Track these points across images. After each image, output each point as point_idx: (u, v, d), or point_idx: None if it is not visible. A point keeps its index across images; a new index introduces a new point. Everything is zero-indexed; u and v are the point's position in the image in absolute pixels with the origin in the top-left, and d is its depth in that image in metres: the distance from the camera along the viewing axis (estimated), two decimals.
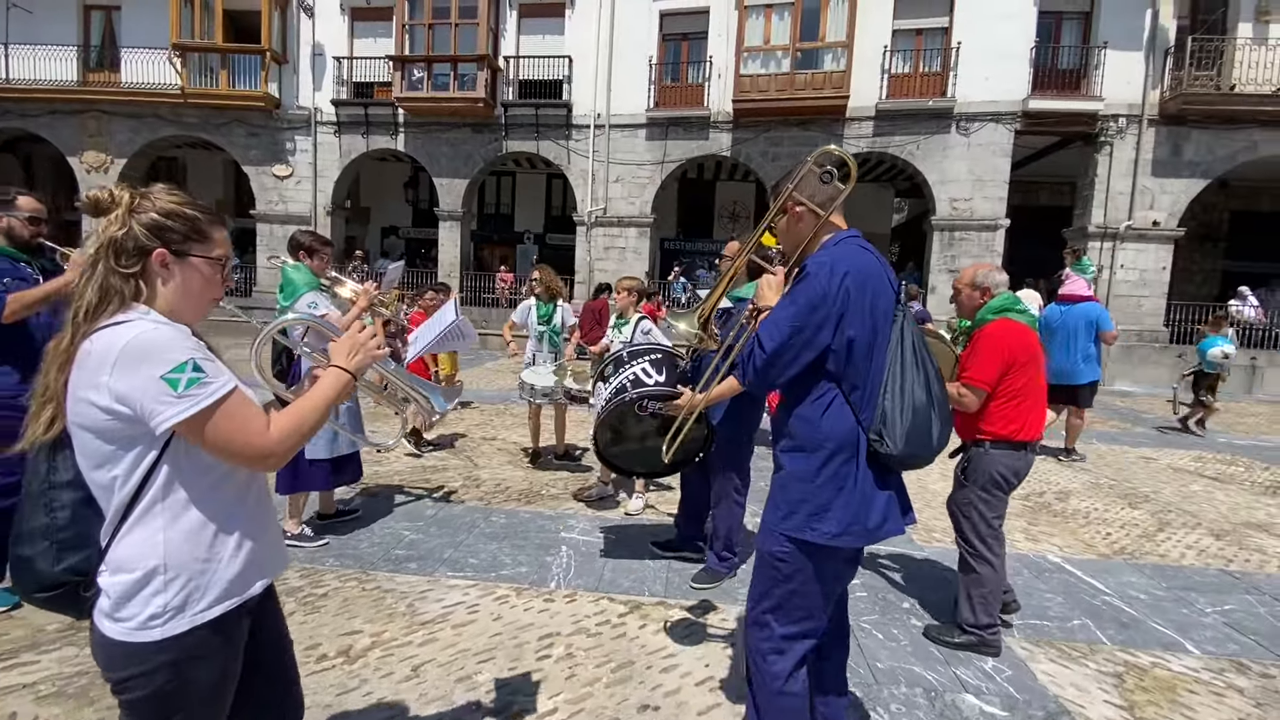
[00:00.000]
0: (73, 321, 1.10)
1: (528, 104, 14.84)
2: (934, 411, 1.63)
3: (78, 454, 1.10)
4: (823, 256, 1.67)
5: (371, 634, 2.70)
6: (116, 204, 1.14)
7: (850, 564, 1.79)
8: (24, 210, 2.73)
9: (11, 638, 2.49)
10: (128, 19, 15.35)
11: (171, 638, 1.10)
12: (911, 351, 1.65)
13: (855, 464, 1.64)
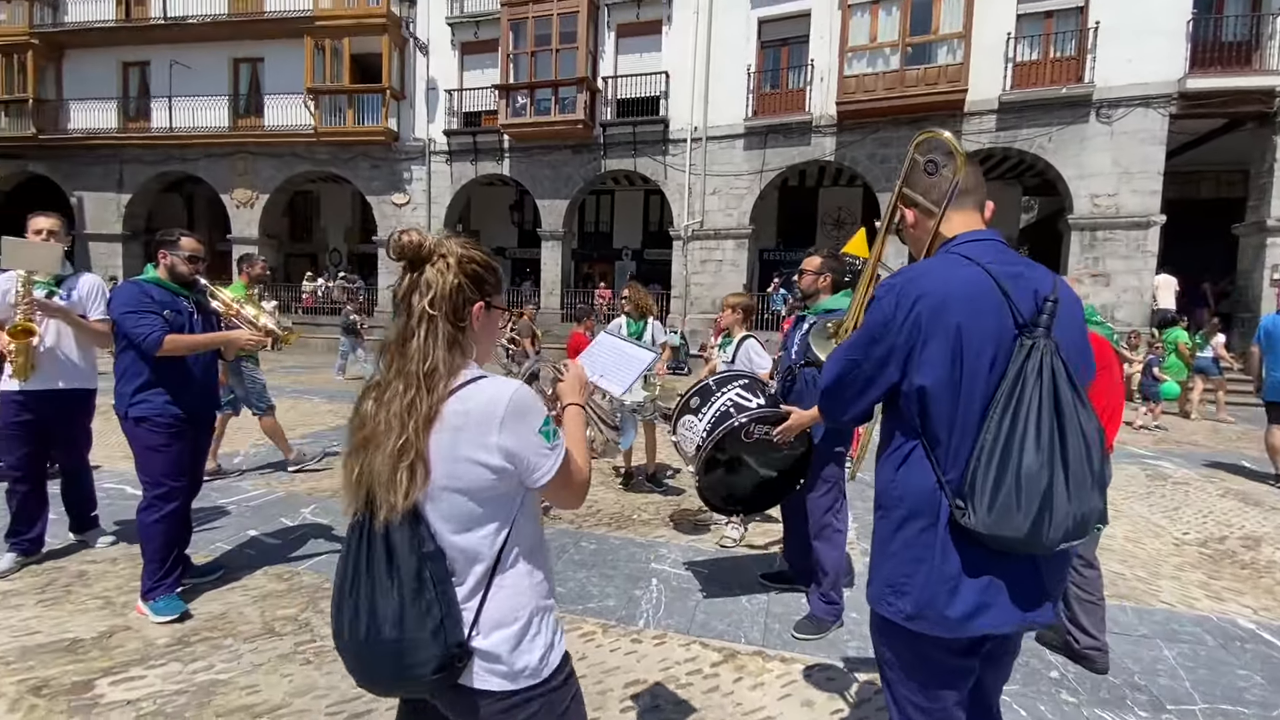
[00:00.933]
0: (428, 382, 1.08)
1: (625, 123, 15.00)
2: (1054, 484, 1.18)
3: (442, 519, 1.10)
4: (899, 275, 1.36)
5: None
6: (443, 255, 1.11)
7: (962, 656, 1.35)
8: (185, 250, 3.02)
9: (126, 650, 2.61)
10: (270, 69, 17.18)
11: (558, 665, 1.18)
12: (1035, 400, 1.19)
13: (934, 533, 1.28)
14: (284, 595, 3.16)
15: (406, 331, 1.09)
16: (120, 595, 3.09)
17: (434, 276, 1.09)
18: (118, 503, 4.42)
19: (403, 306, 1.10)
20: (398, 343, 1.09)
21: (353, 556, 1.10)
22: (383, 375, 1.11)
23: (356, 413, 1.13)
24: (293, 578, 3.36)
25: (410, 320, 1.09)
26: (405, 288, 1.11)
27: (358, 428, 1.11)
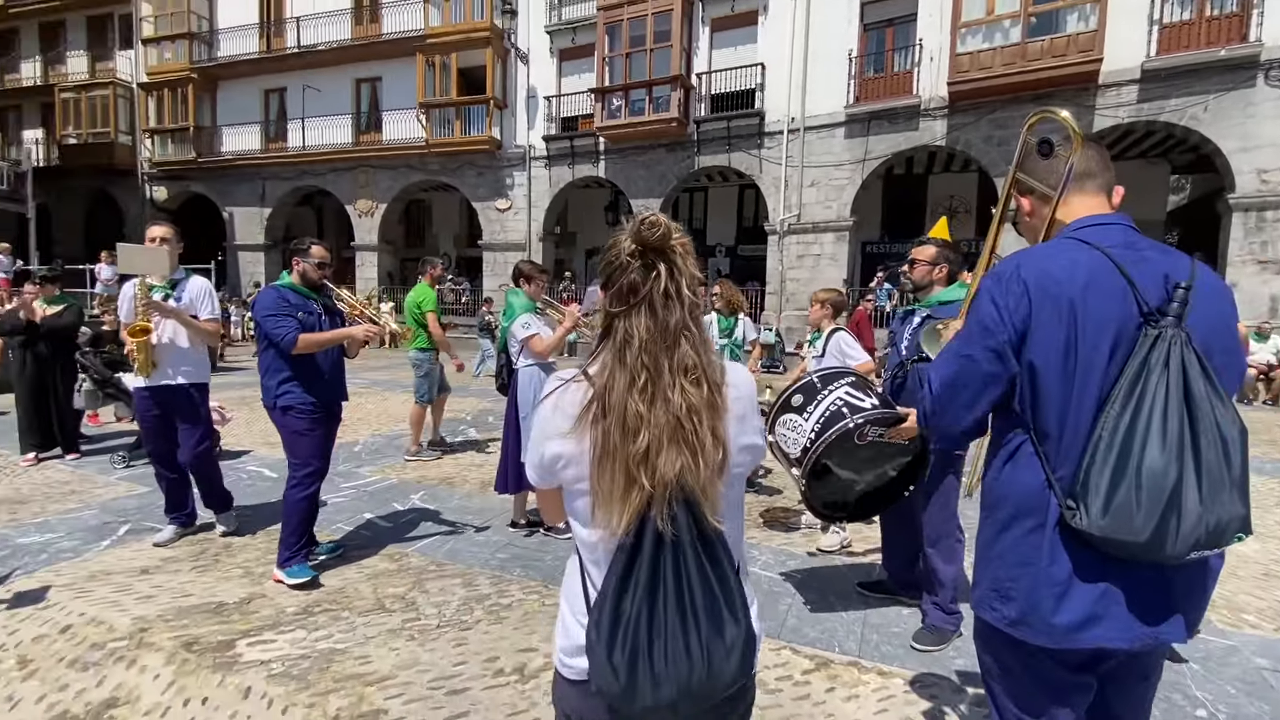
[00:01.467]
0: (711, 373, 1.00)
1: (719, 118, 14.84)
2: (1184, 484, 1.05)
3: (726, 514, 1.01)
4: (1007, 261, 1.26)
5: (546, 653, 2.67)
6: (680, 240, 1.02)
7: (1074, 671, 1.24)
8: (314, 257, 3.38)
9: (261, 615, 2.90)
10: (387, 87, 18.49)
11: None
12: (1160, 393, 1.07)
13: (1042, 534, 1.18)
14: (394, 574, 3.38)
15: (675, 322, 0.98)
16: (258, 566, 3.43)
17: (682, 263, 1.01)
18: (258, 484, 4.94)
19: (661, 297, 0.98)
20: (659, 335, 0.97)
21: (660, 581, 0.93)
22: (632, 370, 0.96)
23: (621, 417, 0.95)
24: (402, 559, 3.59)
25: (682, 310, 0.99)
26: (664, 277, 0.98)
27: (631, 433, 0.94)
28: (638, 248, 1.00)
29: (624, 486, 0.94)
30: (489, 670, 2.55)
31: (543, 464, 1.05)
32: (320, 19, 18.44)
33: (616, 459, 0.94)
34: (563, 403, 1.02)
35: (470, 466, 5.61)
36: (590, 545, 1.03)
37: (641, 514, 0.94)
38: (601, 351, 1.04)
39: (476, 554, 3.68)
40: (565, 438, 1.00)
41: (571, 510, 1.06)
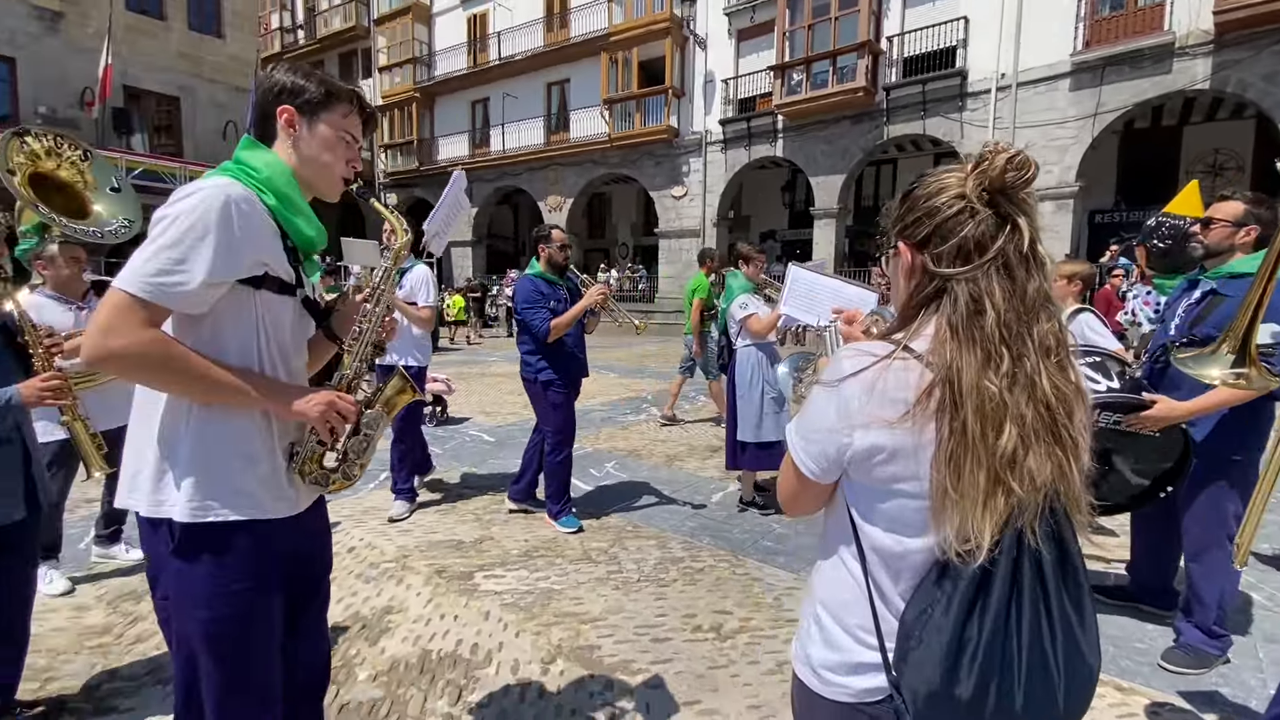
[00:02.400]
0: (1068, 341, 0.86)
1: (913, 82, 13.67)
2: None
3: None
4: None
5: (740, 618, 2.74)
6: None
7: None
8: (556, 241, 3.67)
9: (491, 554, 3.33)
10: (575, 87, 19.68)
11: None
12: None
13: None
14: (596, 531, 3.68)
15: (1035, 291, 0.82)
16: (485, 514, 3.94)
17: (1036, 216, 0.85)
18: (480, 446, 5.63)
19: (1019, 257, 0.82)
20: (1019, 304, 0.81)
21: (1015, 606, 0.79)
22: (987, 347, 0.79)
23: (980, 406, 0.77)
24: (602, 518, 3.89)
25: (1041, 275, 0.83)
26: (1024, 233, 0.82)
27: (994, 425, 0.78)
28: (988, 193, 0.82)
29: (986, 490, 0.77)
30: (688, 625, 2.68)
31: (839, 455, 0.87)
32: (517, 31, 20.15)
33: (979, 457, 0.77)
34: (885, 385, 0.82)
35: (655, 441, 5.87)
36: (894, 554, 0.87)
37: (1005, 525, 0.79)
38: (923, 321, 0.86)
39: (668, 520, 3.86)
40: (892, 428, 0.82)
41: (877, 514, 0.88)
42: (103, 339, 1.08)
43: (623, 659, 2.43)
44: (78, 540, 3.37)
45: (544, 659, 2.42)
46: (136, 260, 1.09)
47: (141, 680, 2.28)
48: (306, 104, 1.30)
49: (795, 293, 2.16)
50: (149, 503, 1.18)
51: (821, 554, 1.00)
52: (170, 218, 1.11)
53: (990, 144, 0.84)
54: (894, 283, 0.96)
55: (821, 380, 0.90)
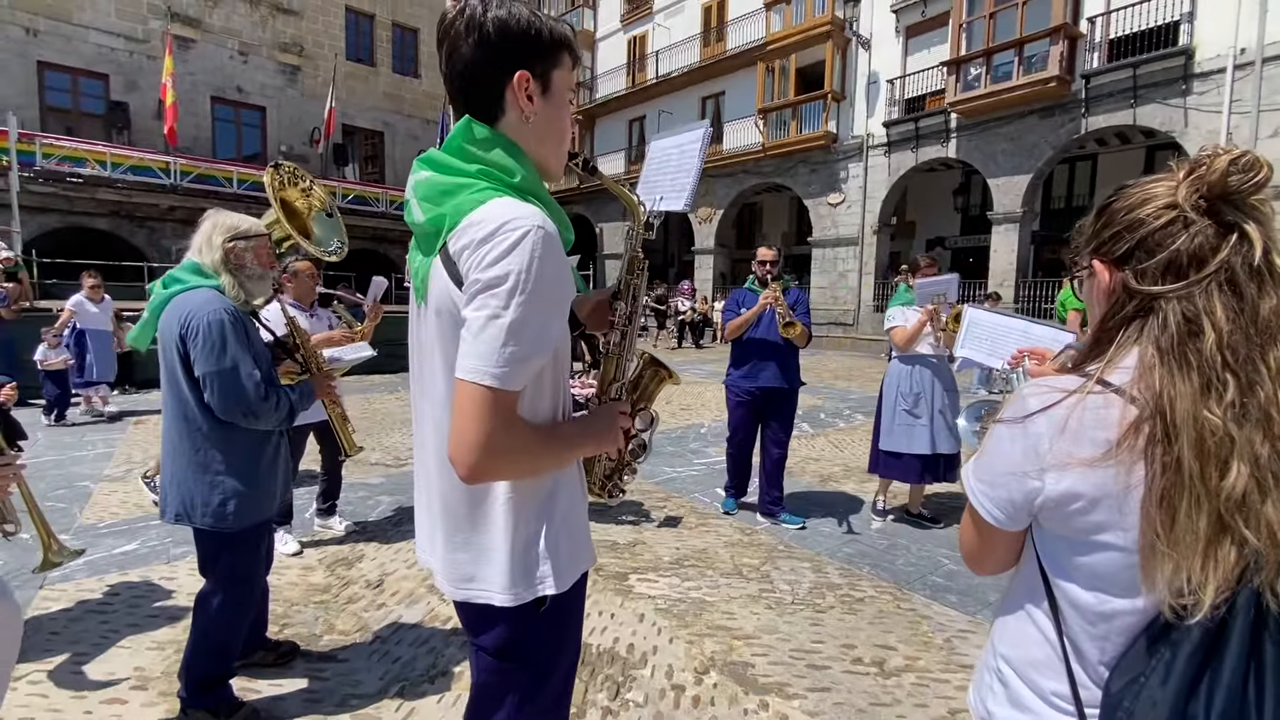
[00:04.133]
0: None
1: (1121, 66, 11.95)
2: None
3: None
4: None
5: (906, 656, 2.55)
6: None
7: None
8: (760, 257, 4.10)
9: (644, 559, 3.42)
10: (729, 99, 19.71)
11: None
12: None
13: None
14: (746, 546, 3.63)
15: (1271, 310, 0.71)
16: (638, 518, 4.06)
17: (1270, 226, 0.73)
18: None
19: (1248, 272, 0.71)
20: (1249, 326, 0.70)
21: (1253, 678, 0.67)
22: (1206, 373, 0.69)
23: (1198, 440, 0.68)
24: (752, 533, 3.83)
25: (1269, 284, 0.72)
26: (1256, 243, 0.71)
27: (1216, 462, 0.67)
28: (1206, 201, 0.72)
29: (1207, 537, 0.67)
30: (846, 655, 2.55)
31: (1026, 501, 0.78)
32: (675, 49, 20.66)
33: (1198, 498, 0.67)
34: (1081, 422, 0.73)
35: (807, 459, 5.67)
36: (1097, 615, 0.76)
37: (1237, 582, 0.68)
38: (1120, 348, 0.76)
39: (822, 543, 3.71)
40: (1092, 469, 0.72)
41: (1076, 568, 0.77)
42: (490, 454, 0.90)
43: (778, 680, 2.37)
44: (303, 510, 3.98)
45: (697, 668, 2.44)
46: (487, 343, 0.88)
47: (352, 635, 2.64)
48: (542, 61, 1.00)
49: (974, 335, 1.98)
50: (511, 594, 1.03)
51: (1005, 607, 0.89)
52: (512, 283, 0.88)
53: (1209, 146, 0.74)
54: (1089, 308, 0.86)
55: (1004, 418, 0.80)
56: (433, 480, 1.06)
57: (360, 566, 3.32)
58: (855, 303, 16.82)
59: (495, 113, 1.00)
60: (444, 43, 0.99)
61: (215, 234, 2.04)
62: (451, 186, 0.97)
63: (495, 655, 1.09)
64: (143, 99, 17.02)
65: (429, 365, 1.03)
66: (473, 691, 1.16)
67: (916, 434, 3.85)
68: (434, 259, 0.98)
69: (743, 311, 3.91)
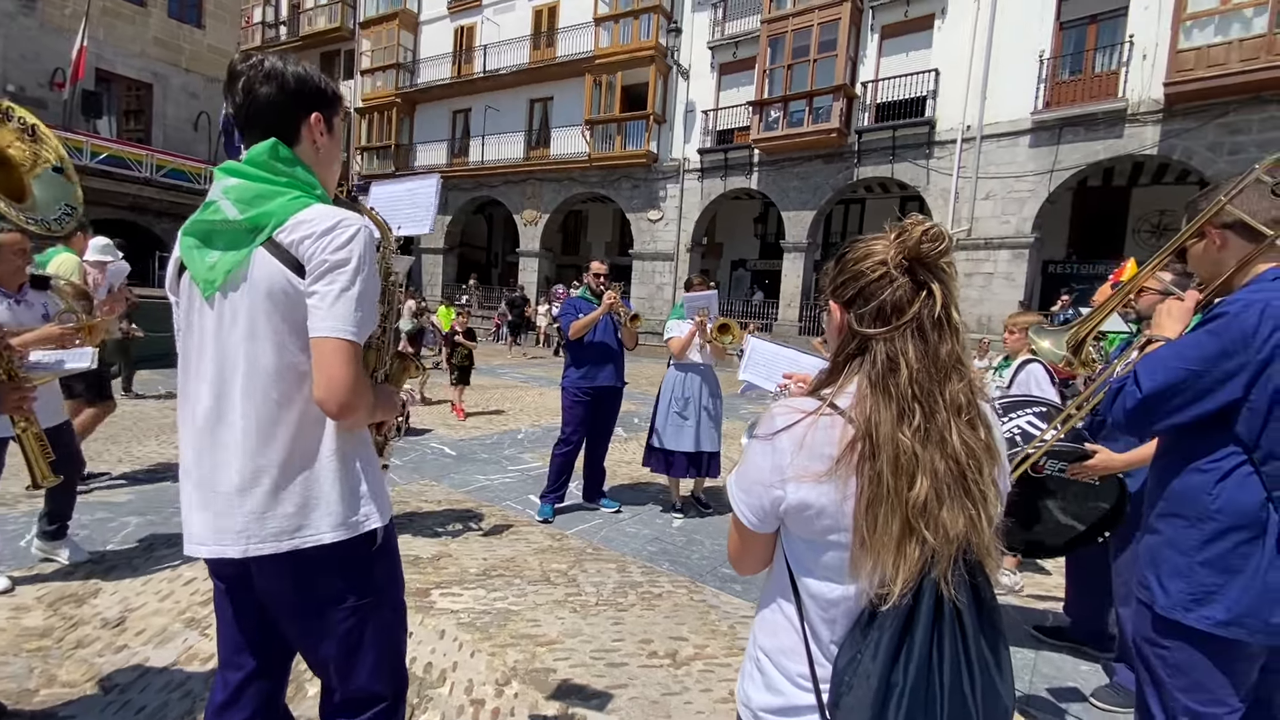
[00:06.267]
0: (978, 402, 0.92)
1: (884, 127, 14.22)
2: None
3: None
4: (1255, 294, 1.38)
5: (695, 645, 2.79)
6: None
7: (1255, 660, 1.44)
8: (594, 271, 4.41)
9: (448, 572, 3.32)
10: (557, 106, 19.88)
11: None
12: None
13: (1260, 546, 1.36)
14: (556, 552, 3.69)
15: (947, 353, 0.87)
16: (443, 530, 3.91)
17: (953, 285, 0.90)
18: (441, 459, 5.57)
19: (932, 322, 0.88)
20: (930, 364, 0.86)
21: (936, 651, 0.84)
22: (900, 403, 0.85)
23: (894, 457, 0.83)
24: (562, 539, 3.90)
25: (954, 339, 0.89)
26: (938, 300, 0.87)
27: (905, 476, 0.83)
28: (906, 261, 0.88)
29: (898, 537, 0.82)
30: (644, 650, 2.72)
31: (773, 508, 0.91)
32: (504, 46, 20.29)
33: (891, 505, 0.82)
34: (814, 440, 0.87)
35: (620, 462, 5.91)
36: (828, 602, 0.90)
37: (921, 574, 0.83)
38: (847, 376, 0.92)
39: (628, 543, 3.90)
40: (819, 482, 0.86)
41: (812, 564, 0.92)
42: (356, 393, 1.13)
43: (577, 683, 2.45)
44: (18, 538, 3.24)
45: (499, 680, 2.43)
46: (343, 307, 1.12)
47: (81, 686, 2.21)
48: (328, 108, 1.27)
49: (754, 361, 2.33)
50: (347, 525, 1.21)
51: (763, 600, 1.03)
52: (355, 263, 1.13)
53: (912, 217, 0.90)
54: (829, 340, 1.02)
55: (758, 433, 0.93)
56: (241, 450, 1.17)
57: (94, 603, 2.78)
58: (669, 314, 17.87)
59: (292, 141, 1.23)
60: (237, 80, 1.20)
61: None
62: (266, 192, 1.17)
63: (331, 602, 1.23)
64: None
65: (246, 348, 1.15)
66: (326, 661, 1.27)
67: (685, 433, 4.30)
68: (253, 250, 1.14)
69: (580, 316, 4.16)
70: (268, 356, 1.15)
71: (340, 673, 1.28)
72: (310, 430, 1.19)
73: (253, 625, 1.31)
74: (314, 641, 1.26)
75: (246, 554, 1.16)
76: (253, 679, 1.33)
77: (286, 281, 1.13)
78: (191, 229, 1.20)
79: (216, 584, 1.32)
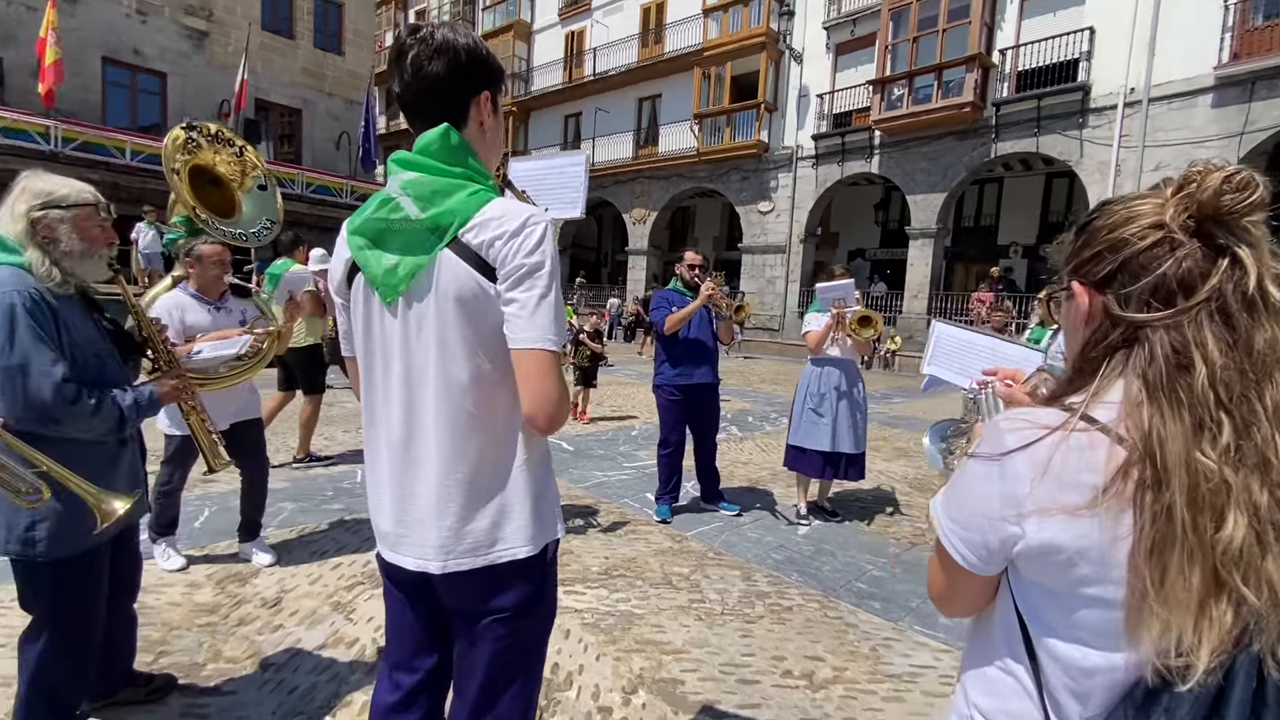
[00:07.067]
0: None
1: (1027, 97, 12.85)
2: None
3: None
4: None
5: (834, 666, 2.55)
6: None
7: None
8: (688, 262, 4.21)
9: (571, 569, 3.28)
10: (666, 102, 19.83)
11: None
12: None
13: None
14: (677, 555, 3.56)
15: (1266, 343, 0.64)
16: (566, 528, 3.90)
17: (1267, 249, 0.67)
18: (559, 455, 5.64)
19: (1241, 301, 0.65)
20: (1242, 360, 0.64)
21: None
22: (1198, 413, 0.63)
23: (1191, 487, 0.61)
24: (682, 541, 3.77)
25: (1275, 325, 0.65)
26: (1250, 269, 0.65)
27: (1211, 511, 0.61)
28: (1194, 220, 0.66)
29: (1201, 595, 0.61)
30: (776, 668, 2.51)
31: (1003, 548, 0.71)
32: (613, 47, 20.56)
33: (1190, 551, 0.61)
34: (1065, 464, 0.66)
35: (736, 463, 5.69)
36: (1080, 671, 0.68)
37: (1236, 646, 0.61)
38: (1105, 380, 0.70)
39: (750, 549, 3.69)
40: (1076, 517, 0.65)
41: (1059, 621, 0.70)
42: (564, 406, 1.09)
43: (708, 699, 2.29)
44: (193, 519, 3.59)
45: (625, 688, 2.33)
46: (544, 315, 1.05)
47: (243, 663, 2.36)
48: (494, 84, 1.16)
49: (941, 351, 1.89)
50: (537, 538, 1.17)
51: (977, 649, 0.82)
52: (550, 266, 1.06)
53: (1199, 162, 0.68)
54: (1067, 333, 0.80)
55: (979, 453, 0.73)
56: (437, 466, 1.12)
57: (255, 583, 3.00)
58: (782, 309, 17.28)
59: (460, 123, 1.13)
60: (405, 56, 1.10)
61: (20, 200, 1.62)
62: (444, 187, 1.09)
63: (515, 615, 1.17)
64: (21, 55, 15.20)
65: (436, 358, 1.09)
66: (482, 672, 1.19)
67: (820, 431, 4.03)
68: (437, 253, 1.07)
69: (674, 310, 3.95)
70: (460, 366, 1.09)
71: (487, 689, 1.20)
72: (502, 441, 1.14)
73: (432, 630, 1.26)
74: (478, 654, 1.18)
75: (445, 569, 1.13)
76: (426, 684, 1.28)
77: (476, 285, 1.06)
78: (362, 228, 1.13)
79: (392, 587, 1.27)
